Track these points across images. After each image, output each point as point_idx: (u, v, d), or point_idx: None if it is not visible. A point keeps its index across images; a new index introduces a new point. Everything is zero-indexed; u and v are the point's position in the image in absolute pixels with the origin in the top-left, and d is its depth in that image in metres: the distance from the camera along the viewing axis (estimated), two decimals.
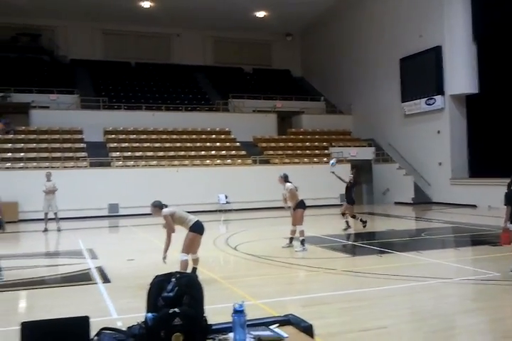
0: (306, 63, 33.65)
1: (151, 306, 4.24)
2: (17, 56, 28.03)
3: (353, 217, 13.89)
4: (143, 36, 30.42)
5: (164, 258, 7.42)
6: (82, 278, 8.45)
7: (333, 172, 13.88)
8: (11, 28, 27.81)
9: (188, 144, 23.39)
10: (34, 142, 21.69)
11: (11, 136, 21.97)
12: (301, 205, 10.74)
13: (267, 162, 23.05)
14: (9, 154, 20.57)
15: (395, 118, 24.73)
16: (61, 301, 6.87)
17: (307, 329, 3.73)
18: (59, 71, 27.91)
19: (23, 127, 23.02)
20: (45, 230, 15.18)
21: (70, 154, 21.08)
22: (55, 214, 15.45)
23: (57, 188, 15.49)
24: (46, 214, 15.46)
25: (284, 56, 33.28)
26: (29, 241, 14.47)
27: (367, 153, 24.79)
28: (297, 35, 33.44)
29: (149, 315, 4.14)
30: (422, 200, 22.32)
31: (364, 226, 13.66)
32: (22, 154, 20.65)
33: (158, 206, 7.52)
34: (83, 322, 3.71)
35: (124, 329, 4.40)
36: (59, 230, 15.22)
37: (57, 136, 22.36)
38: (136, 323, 4.23)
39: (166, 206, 7.57)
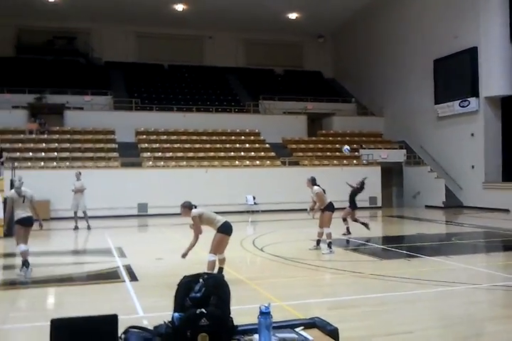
0: (337, 65, 33.47)
1: (179, 306, 4.29)
2: (53, 58, 28.69)
3: (355, 221, 13.49)
4: (176, 38, 30.74)
5: (184, 255, 7.48)
6: (110, 276, 8.59)
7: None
8: (48, 31, 28.52)
9: (218, 145, 23.54)
10: (67, 142, 22.15)
11: (45, 136, 22.49)
12: (329, 208, 10.69)
13: (296, 163, 23.01)
14: (43, 154, 21.06)
15: (428, 120, 24.37)
16: (89, 298, 7.00)
17: (333, 333, 3.72)
18: (93, 73, 28.44)
19: (58, 127, 23.54)
20: (76, 228, 15.49)
21: (102, 154, 21.46)
22: (84, 212, 15.75)
23: (85, 188, 15.79)
24: (75, 212, 15.76)
25: (316, 57, 33.18)
26: (59, 239, 14.78)
27: (398, 156, 24.49)
28: (329, 37, 33.30)
29: (176, 314, 4.20)
30: (453, 204, 21.94)
31: (368, 229, 13.22)
32: (55, 154, 21.11)
33: (187, 207, 7.61)
34: (112, 320, 3.78)
35: (150, 328, 4.48)
36: (89, 228, 15.50)
37: (90, 137, 22.80)
38: (162, 322, 4.30)
39: (196, 207, 7.65)
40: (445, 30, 22.90)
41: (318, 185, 10.74)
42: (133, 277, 8.27)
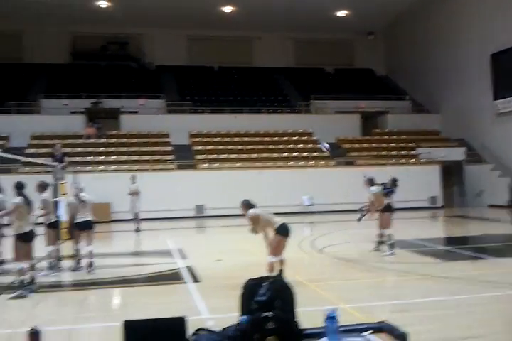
0: (390, 61, 32.82)
1: (245, 309, 4.29)
2: (107, 64, 29.49)
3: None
4: (225, 40, 30.95)
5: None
6: (172, 277, 8.71)
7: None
8: (101, 37, 29.35)
9: (271, 146, 23.52)
10: (124, 146, 22.70)
11: (103, 140, 23.13)
12: (388, 209, 10.48)
13: (350, 163, 22.69)
14: (102, 157, 21.66)
15: (487, 116, 23.50)
16: (153, 300, 7.11)
17: (401, 337, 3.59)
18: (146, 77, 29.05)
19: (114, 131, 24.17)
20: (138, 230, 15.85)
21: (158, 157, 21.87)
22: (136, 214, 16.08)
23: (140, 191, 16.11)
24: (135, 214, 16.16)
25: (367, 55, 32.65)
26: (120, 241, 15.15)
27: (457, 154, 23.68)
28: (380, 33, 32.69)
29: (243, 317, 4.19)
30: None
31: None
32: (113, 157, 21.67)
33: (246, 205, 7.67)
34: (180, 322, 3.84)
35: (216, 329, 4.49)
36: (138, 230, 15.80)
37: (145, 140, 23.28)
38: (229, 325, 4.31)
39: (254, 206, 7.65)
40: (504, 22, 22.00)
41: (376, 185, 10.54)
42: (195, 278, 8.35)
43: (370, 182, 10.61)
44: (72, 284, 8.63)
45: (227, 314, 6.01)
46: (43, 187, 8.89)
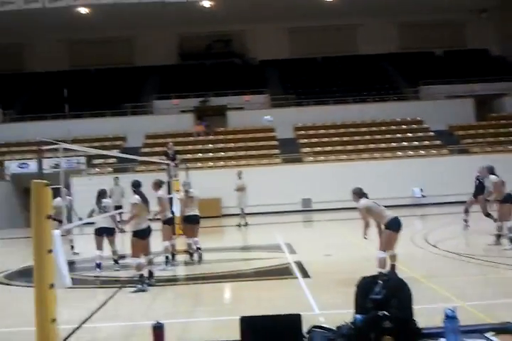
0: (506, 40, 30.47)
1: (359, 307, 4.18)
2: (212, 62, 30.30)
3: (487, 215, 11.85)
4: (327, 30, 30.48)
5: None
6: (282, 272, 8.76)
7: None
8: (206, 36, 30.19)
9: (378, 136, 22.89)
10: (232, 142, 23.25)
11: (211, 137, 23.86)
12: (508, 199, 9.75)
13: (465, 151, 21.45)
14: (211, 154, 22.36)
15: None
16: (265, 294, 7.20)
17: None
18: (250, 73, 29.45)
19: (222, 128, 24.82)
20: (246, 224, 16.14)
21: (264, 152, 22.14)
22: (242, 209, 16.35)
23: (245, 186, 16.36)
24: (242, 209, 16.46)
25: (480, 35, 30.55)
26: (230, 236, 15.53)
27: None
28: (494, 10, 30.42)
29: (358, 316, 4.08)
30: None
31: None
32: (222, 153, 22.28)
33: (356, 193, 7.46)
34: (296, 319, 3.83)
35: (328, 326, 4.43)
36: (246, 225, 16.04)
37: (251, 135, 23.65)
38: (343, 323, 4.24)
39: (366, 195, 7.42)
40: None
41: (496, 175, 9.85)
42: (305, 274, 8.32)
43: (490, 170, 9.96)
44: (187, 278, 8.98)
45: (338, 310, 5.93)
46: (158, 185, 9.31)
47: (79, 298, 7.32)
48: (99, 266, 9.20)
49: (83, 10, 24.88)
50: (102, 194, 9.71)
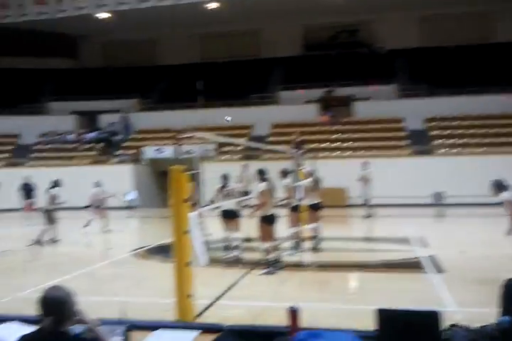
0: None
1: (505, 309, 3.90)
2: (337, 52, 29.87)
3: None
4: (461, 17, 28.66)
5: None
6: (412, 265, 8.45)
7: None
8: (332, 26, 29.82)
9: None
10: (358, 132, 22.85)
11: (336, 128, 23.65)
12: None
13: None
14: (336, 144, 22.18)
15: None
16: (391, 287, 7.01)
17: None
18: (377, 62, 28.60)
19: (347, 118, 24.48)
20: (369, 216, 15.79)
21: (392, 143, 21.48)
22: (366, 200, 16.00)
23: (371, 177, 15.96)
24: (366, 200, 16.14)
25: None
26: (355, 226, 15.31)
27: None
28: None
29: (505, 318, 3.81)
30: None
31: None
32: (347, 144, 22.00)
33: (497, 186, 6.96)
34: (434, 315, 3.66)
35: (473, 327, 4.19)
36: (369, 216, 15.65)
37: (378, 126, 23.05)
38: (487, 324, 3.98)
39: (507, 188, 6.89)
40: None
41: None
42: (438, 269, 7.96)
43: None
44: (313, 265, 9.01)
45: (476, 308, 5.61)
46: (284, 173, 9.52)
47: (211, 276, 7.66)
48: (234, 247, 9.44)
49: (213, 5, 25.75)
50: (225, 178, 9.93)
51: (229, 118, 12.69)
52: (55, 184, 12.24)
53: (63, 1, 24.02)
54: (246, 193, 14.28)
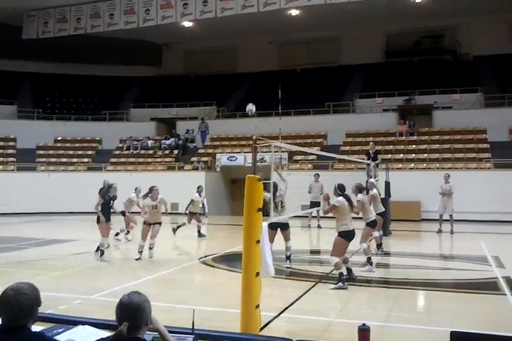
0: None
1: None
2: (420, 59, 29.05)
3: None
4: None
5: None
6: (487, 286, 8.06)
7: None
8: (414, 32, 28.99)
9: None
10: (437, 143, 22.07)
11: (414, 138, 22.96)
12: None
13: None
14: (413, 155, 21.53)
15: None
16: (469, 308, 6.72)
17: None
18: (462, 70, 27.58)
19: (426, 128, 23.72)
20: (439, 231, 15.19)
21: (473, 155, 20.57)
22: (451, 216, 15.32)
23: (453, 191, 15.33)
24: (441, 215, 15.48)
25: None
26: (429, 242, 14.74)
27: None
28: None
29: None
30: None
31: None
32: (425, 155, 21.30)
33: None
34: None
35: None
36: (452, 232, 15.03)
37: (459, 137, 22.16)
38: None
39: None
40: None
41: None
42: None
43: None
44: (384, 281, 8.77)
45: None
46: (359, 189, 9.32)
47: (279, 287, 7.64)
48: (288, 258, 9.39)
49: (294, 12, 25.85)
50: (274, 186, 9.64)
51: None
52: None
53: (151, 10, 24.99)
54: (316, 204, 14.20)
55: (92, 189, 15.51)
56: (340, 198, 7.94)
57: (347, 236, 7.83)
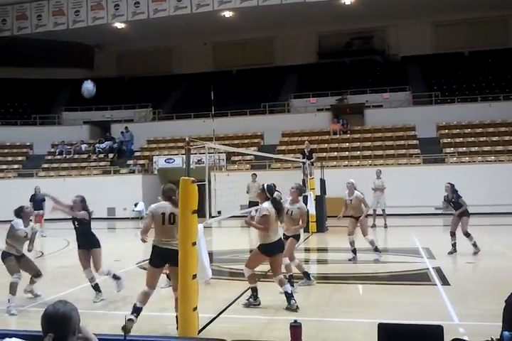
0: None
1: (507, 324, 3.87)
2: (351, 60, 29.89)
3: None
4: (475, 22, 28.50)
5: None
6: (420, 278, 8.40)
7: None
8: (345, 34, 29.83)
9: None
10: (369, 140, 22.79)
11: (348, 136, 23.60)
12: None
13: None
14: (347, 153, 22.12)
15: None
16: (401, 299, 6.96)
17: None
18: (391, 69, 28.61)
19: (359, 127, 24.44)
20: (373, 226, 15.63)
21: (403, 151, 21.40)
22: (383, 210, 15.86)
23: (385, 186, 15.86)
24: (375, 210, 15.92)
25: None
26: (362, 236, 15.16)
27: None
28: None
29: (506, 333, 3.79)
30: None
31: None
32: (358, 152, 21.94)
33: None
34: (437, 330, 3.64)
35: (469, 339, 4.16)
36: (385, 227, 15.56)
37: (390, 134, 22.99)
38: (487, 339, 3.95)
39: None
40: None
41: None
42: (444, 281, 7.89)
43: None
44: (322, 276, 8.96)
45: (479, 322, 5.59)
46: (300, 191, 8.84)
47: (216, 289, 7.65)
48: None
49: (227, 13, 25.94)
50: None
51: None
52: None
53: (80, 11, 24.35)
54: (254, 204, 14.28)
55: (23, 196, 15.13)
56: (267, 204, 6.62)
57: (266, 250, 6.61)
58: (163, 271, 6.28)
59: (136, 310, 5.66)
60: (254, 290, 6.74)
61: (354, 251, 9.94)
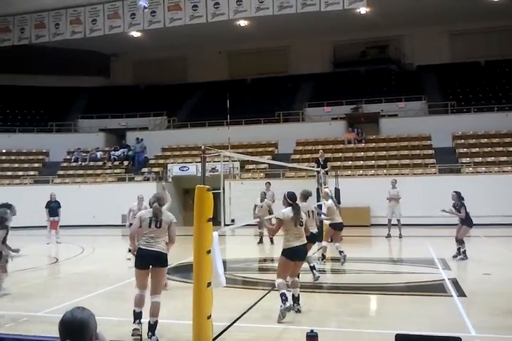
0: None
1: None
2: (366, 69, 29.87)
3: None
4: (491, 32, 28.25)
5: None
6: (435, 288, 8.30)
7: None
8: (360, 43, 29.85)
9: None
10: (384, 150, 22.68)
11: (362, 145, 23.52)
12: None
13: None
14: (361, 162, 22.03)
15: None
16: (416, 310, 6.88)
17: None
18: (406, 79, 28.52)
19: (374, 136, 24.35)
20: (388, 236, 15.55)
21: (419, 161, 21.26)
22: (398, 220, 15.74)
23: (400, 196, 15.75)
24: (389, 220, 15.86)
25: None
26: (379, 246, 15.08)
27: None
28: None
29: None
30: None
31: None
32: (373, 161, 21.85)
33: None
34: None
35: None
36: (400, 237, 15.43)
37: (405, 143, 22.86)
38: None
39: None
40: None
41: None
42: (460, 292, 7.80)
43: None
44: (334, 287, 8.90)
45: (496, 335, 5.50)
46: (305, 196, 9.08)
47: (231, 297, 7.64)
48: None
49: (242, 22, 26.10)
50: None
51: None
52: None
53: (97, 20, 24.63)
54: (269, 212, 14.30)
55: (40, 202, 15.29)
56: (287, 209, 6.86)
57: (289, 254, 6.68)
58: None
59: (137, 316, 5.79)
60: (283, 295, 6.43)
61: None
